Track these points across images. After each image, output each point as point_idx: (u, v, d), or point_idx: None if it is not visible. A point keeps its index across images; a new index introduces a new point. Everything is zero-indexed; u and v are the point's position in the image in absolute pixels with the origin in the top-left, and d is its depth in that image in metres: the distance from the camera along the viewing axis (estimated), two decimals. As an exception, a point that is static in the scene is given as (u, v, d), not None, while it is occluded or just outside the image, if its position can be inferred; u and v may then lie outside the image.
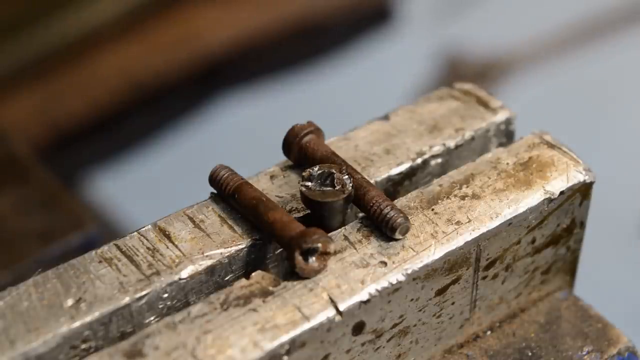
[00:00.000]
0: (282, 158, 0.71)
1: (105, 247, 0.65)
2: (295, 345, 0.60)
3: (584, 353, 0.71)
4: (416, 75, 2.10)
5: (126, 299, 0.62)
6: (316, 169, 0.66)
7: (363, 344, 0.64)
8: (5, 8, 1.88)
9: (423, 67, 2.13)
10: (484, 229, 0.66)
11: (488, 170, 0.70)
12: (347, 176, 0.66)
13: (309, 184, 0.66)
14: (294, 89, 2.10)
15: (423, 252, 0.65)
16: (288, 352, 0.60)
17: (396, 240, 0.65)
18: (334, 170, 0.66)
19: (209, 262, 0.64)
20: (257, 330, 0.60)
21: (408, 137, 0.73)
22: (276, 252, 0.67)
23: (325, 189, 0.66)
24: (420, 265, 0.64)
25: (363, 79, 2.11)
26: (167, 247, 0.65)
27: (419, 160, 0.72)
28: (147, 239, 0.65)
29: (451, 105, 0.76)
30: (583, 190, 0.71)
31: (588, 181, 0.70)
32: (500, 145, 0.75)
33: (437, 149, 0.73)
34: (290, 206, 0.68)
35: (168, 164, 1.99)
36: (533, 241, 0.70)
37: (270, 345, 0.59)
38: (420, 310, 0.66)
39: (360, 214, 0.67)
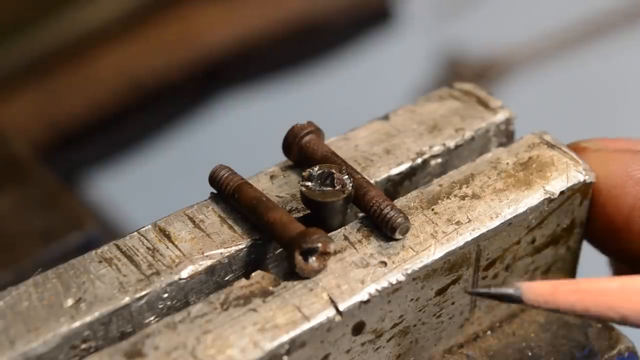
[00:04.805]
0: (282, 158, 0.71)
1: (105, 247, 0.65)
2: (295, 345, 0.60)
3: (584, 353, 0.71)
4: (416, 75, 2.10)
5: (126, 299, 0.62)
6: (316, 169, 0.66)
7: (363, 344, 0.64)
8: (5, 8, 1.88)
9: (423, 67, 2.13)
10: (484, 229, 0.66)
11: (488, 170, 0.70)
12: (347, 176, 0.66)
13: (309, 184, 0.66)
14: (294, 89, 2.10)
15: (423, 252, 0.65)
16: (288, 352, 0.60)
17: (396, 240, 0.65)
18: (334, 170, 0.66)
19: (209, 262, 0.64)
20: (257, 330, 0.60)
21: (408, 137, 0.73)
22: (276, 252, 0.67)
23: (325, 189, 0.66)
24: (420, 265, 0.64)
25: (363, 79, 2.11)
26: (167, 247, 0.65)
27: (419, 160, 0.72)
28: (147, 239, 0.65)
29: (451, 105, 0.76)
30: (583, 190, 0.71)
31: (588, 181, 0.70)
32: (500, 145, 0.75)
33: (437, 149, 0.73)
34: (290, 206, 0.68)
35: (168, 164, 1.99)
36: (533, 241, 0.70)
37: (270, 345, 0.59)
38: (420, 310, 0.66)
39: (360, 214, 0.67)
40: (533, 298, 0.62)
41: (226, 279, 0.65)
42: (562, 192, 0.69)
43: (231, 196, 0.67)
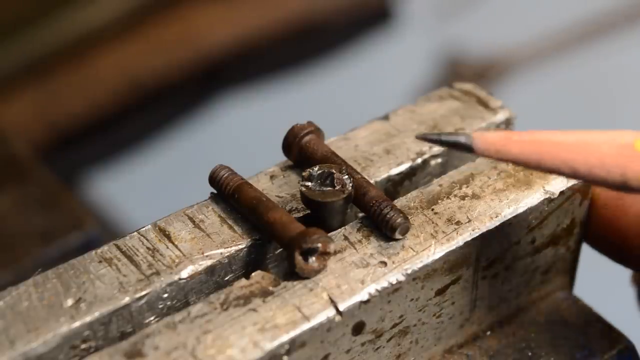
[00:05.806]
0: (282, 158, 0.71)
1: (105, 247, 0.65)
2: (295, 345, 0.60)
3: (584, 353, 0.71)
4: (416, 75, 2.11)
5: (126, 299, 0.62)
6: (316, 169, 0.66)
7: (363, 344, 0.64)
8: (5, 8, 1.88)
9: (423, 67, 2.13)
10: (484, 229, 0.66)
11: (488, 170, 0.70)
12: (347, 176, 0.66)
13: (309, 184, 0.66)
14: (294, 89, 2.10)
15: (423, 252, 0.65)
16: (288, 352, 0.60)
17: (396, 240, 0.65)
18: (334, 170, 0.66)
19: (209, 262, 0.64)
20: (257, 330, 0.60)
21: (408, 137, 0.73)
22: (276, 252, 0.67)
23: (325, 189, 0.66)
24: (420, 265, 0.64)
25: (363, 79, 2.11)
26: (167, 247, 0.65)
27: (419, 160, 0.72)
28: (147, 239, 0.65)
29: (451, 105, 0.76)
30: (583, 190, 0.71)
31: (588, 181, 0.70)
32: (500, 145, 0.75)
33: (437, 149, 0.73)
34: (290, 206, 0.68)
35: (168, 164, 1.99)
36: (533, 241, 0.70)
37: (270, 345, 0.59)
38: (420, 310, 0.66)
39: (360, 214, 0.67)
40: (484, 147, 0.59)
41: (226, 279, 0.65)
42: (562, 192, 0.69)
43: (231, 196, 0.67)
